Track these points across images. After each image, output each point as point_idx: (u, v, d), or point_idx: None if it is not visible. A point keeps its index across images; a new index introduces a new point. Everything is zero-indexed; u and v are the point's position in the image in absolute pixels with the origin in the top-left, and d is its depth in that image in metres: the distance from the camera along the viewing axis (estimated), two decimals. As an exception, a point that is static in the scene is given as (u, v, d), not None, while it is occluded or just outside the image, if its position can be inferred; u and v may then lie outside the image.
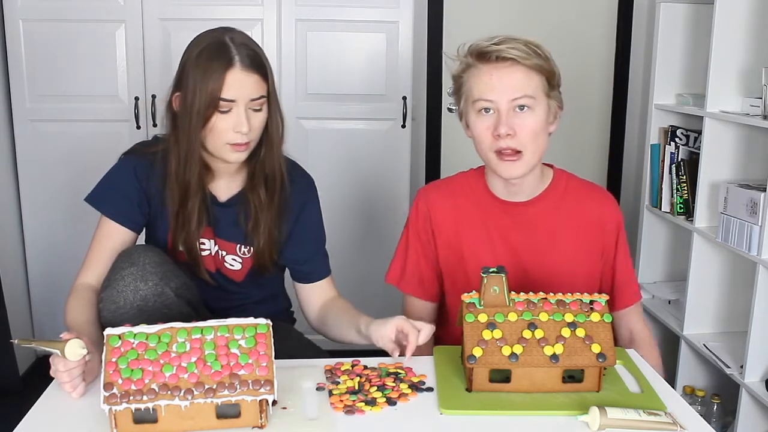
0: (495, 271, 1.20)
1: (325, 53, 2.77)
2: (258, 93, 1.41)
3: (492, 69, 1.38)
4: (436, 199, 1.55)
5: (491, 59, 1.38)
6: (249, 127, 1.40)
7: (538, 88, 1.40)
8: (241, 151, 1.43)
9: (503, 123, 1.37)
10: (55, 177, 2.74)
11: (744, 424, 2.11)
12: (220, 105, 1.38)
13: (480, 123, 1.41)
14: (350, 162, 2.85)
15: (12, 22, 2.65)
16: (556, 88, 1.45)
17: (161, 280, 1.38)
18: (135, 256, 1.39)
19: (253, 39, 1.48)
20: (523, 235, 1.50)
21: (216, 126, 1.40)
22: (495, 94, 1.38)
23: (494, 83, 1.38)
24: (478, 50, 1.39)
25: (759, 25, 2.22)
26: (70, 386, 1.17)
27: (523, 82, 1.38)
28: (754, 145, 2.29)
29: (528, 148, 1.39)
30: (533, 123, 1.39)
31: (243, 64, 1.39)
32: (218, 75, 1.37)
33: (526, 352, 1.17)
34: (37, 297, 2.86)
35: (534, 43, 1.39)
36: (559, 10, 2.82)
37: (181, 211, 1.48)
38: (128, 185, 1.51)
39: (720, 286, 2.40)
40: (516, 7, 2.80)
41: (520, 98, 1.38)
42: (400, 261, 1.59)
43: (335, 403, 1.16)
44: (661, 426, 1.08)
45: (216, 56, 1.38)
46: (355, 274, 2.92)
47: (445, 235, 1.53)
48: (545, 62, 1.40)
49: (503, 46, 1.37)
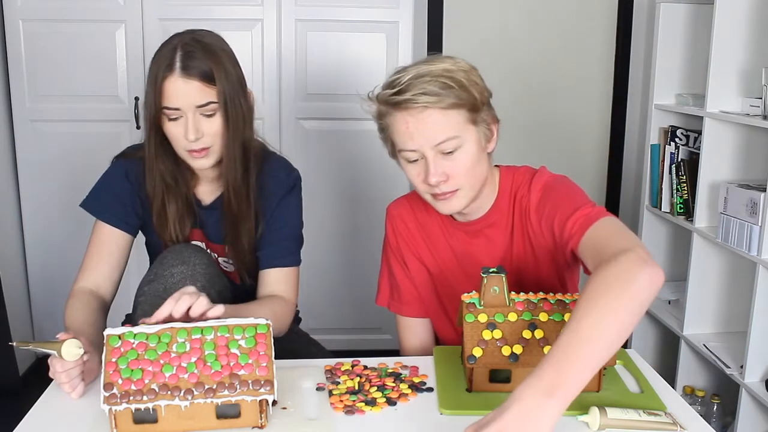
0: (495, 271, 1.20)
1: (325, 53, 2.77)
2: (203, 100, 1.36)
3: (407, 116, 1.26)
4: (400, 214, 1.50)
5: (404, 106, 1.26)
6: (198, 134, 1.37)
7: (460, 123, 1.27)
8: (200, 157, 1.41)
9: (432, 172, 1.27)
10: (55, 177, 2.75)
11: (744, 424, 2.11)
12: (166, 113, 1.37)
13: (410, 170, 1.32)
14: (350, 162, 2.85)
15: (12, 22, 2.65)
16: (483, 109, 1.31)
17: (208, 282, 1.37)
18: (186, 255, 1.39)
19: (215, 41, 1.41)
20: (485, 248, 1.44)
21: (170, 133, 1.40)
22: (416, 143, 1.27)
23: (412, 131, 1.26)
24: (385, 100, 1.28)
25: (759, 25, 2.22)
26: (69, 387, 1.17)
27: (442, 124, 1.26)
28: (754, 145, 2.29)
29: (464, 185, 1.31)
30: (465, 160, 1.29)
31: (183, 71, 1.34)
32: (159, 83, 1.35)
33: (526, 352, 1.17)
34: (37, 297, 2.87)
35: (445, 75, 1.25)
36: (559, 10, 2.82)
37: (160, 217, 1.49)
38: (121, 188, 1.51)
39: (720, 286, 2.40)
40: (516, 7, 2.80)
41: (444, 142, 1.26)
42: (386, 281, 1.55)
43: (335, 403, 1.16)
44: (661, 426, 1.08)
45: (159, 63, 1.36)
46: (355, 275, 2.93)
47: (416, 254, 1.49)
48: (461, 93, 1.26)
49: (409, 94, 1.24)
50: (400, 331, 1.55)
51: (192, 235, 1.54)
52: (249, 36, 2.72)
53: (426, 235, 1.49)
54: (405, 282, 1.51)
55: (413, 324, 1.54)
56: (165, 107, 1.37)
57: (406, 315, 1.53)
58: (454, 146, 1.27)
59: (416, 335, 1.53)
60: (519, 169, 1.44)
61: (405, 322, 1.54)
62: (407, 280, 1.51)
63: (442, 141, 1.26)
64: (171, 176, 1.48)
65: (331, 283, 2.92)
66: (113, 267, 1.49)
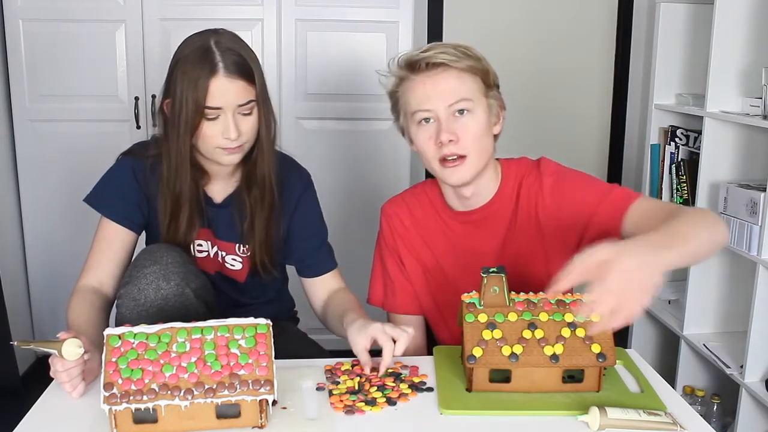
0: (495, 271, 1.19)
1: (325, 53, 2.77)
2: (245, 98, 1.39)
3: (424, 78, 1.35)
4: (395, 215, 1.52)
5: (422, 68, 1.35)
6: (238, 133, 1.39)
7: (474, 89, 1.36)
8: (234, 153, 1.43)
9: (444, 130, 1.34)
10: (55, 177, 2.74)
11: (744, 424, 2.11)
12: (206, 113, 1.37)
13: (421, 134, 1.38)
14: (350, 162, 2.85)
15: (12, 22, 2.65)
16: (494, 88, 1.41)
17: (182, 280, 1.37)
18: (158, 255, 1.38)
19: (241, 40, 1.44)
20: (486, 239, 1.46)
21: (205, 132, 1.39)
22: (431, 103, 1.35)
23: (428, 92, 1.35)
24: (407, 61, 1.37)
25: (759, 25, 2.22)
26: (70, 386, 1.17)
27: (458, 86, 1.35)
28: (754, 145, 2.29)
29: (472, 152, 1.36)
30: (475, 126, 1.36)
31: (227, 71, 1.36)
32: (202, 83, 1.35)
33: (526, 352, 1.17)
34: (37, 297, 2.86)
35: (463, 46, 1.37)
36: (559, 10, 2.82)
37: (173, 220, 1.48)
38: (127, 186, 1.50)
39: (720, 286, 2.40)
40: (516, 7, 2.80)
41: (457, 102, 1.34)
42: (379, 281, 1.57)
43: (335, 403, 1.16)
44: (661, 426, 1.08)
45: (200, 63, 1.36)
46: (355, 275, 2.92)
47: (413, 252, 1.51)
48: (477, 62, 1.37)
49: (431, 52, 1.34)
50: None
51: (197, 235, 1.53)
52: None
53: (423, 231, 1.50)
54: (400, 280, 1.53)
55: (407, 322, 1.53)
56: (207, 107, 1.37)
57: (400, 312, 1.55)
58: (466, 106, 1.35)
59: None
60: (519, 159, 1.50)
61: (398, 320, 1.55)
62: (402, 277, 1.53)
63: (456, 101, 1.34)
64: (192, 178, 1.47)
65: (331, 283, 2.92)
66: (117, 265, 1.49)
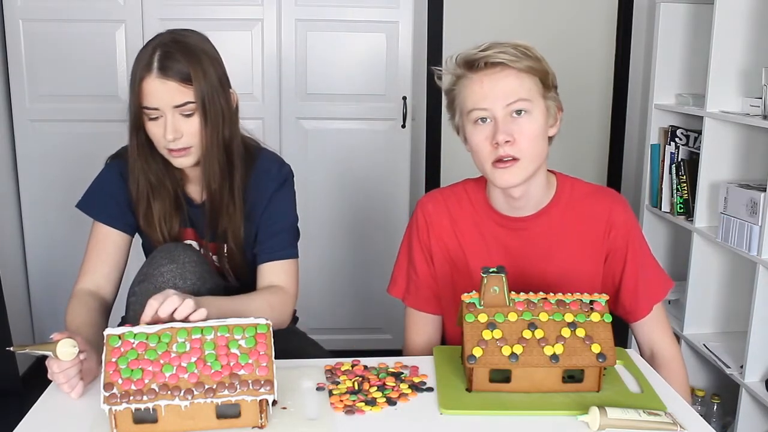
0: (495, 271, 1.20)
1: (325, 53, 2.77)
2: (181, 100, 1.37)
3: (482, 76, 1.33)
4: (433, 210, 1.49)
5: (480, 67, 1.33)
6: (177, 134, 1.38)
7: (533, 90, 1.34)
8: (180, 156, 1.42)
9: (501, 130, 1.31)
10: (55, 177, 2.74)
11: (744, 424, 2.11)
12: (146, 113, 1.39)
13: (477, 134, 1.35)
14: (350, 162, 2.85)
15: (12, 22, 2.65)
16: (552, 89, 1.39)
17: (198, 280, 1.37)
18: (175, 254, 1.39)
19: (194, 42, 1.42)
20: (525, 250, 1.44)
21: (150, 132, 1.41)
22: (488, 102, 1.32)
23: (486, 91, 1.32)
24: (466, 59, 1.35)
25: (759, 25, 2.22)
26: (68, 387, 1.17)
27: (516, 86, 1.32)
28: (754, 145, 2.29)
29: (526, 154, 1.33)
30: (532, 127, 1.33)
31: (160, 71, 1.36)
32: (138, 83, 1.37)
33: (526, 352, 1.16)
34: (37, 298, 2.86)
35: (523, 45, 1.34)
36: (560, 11, 2.82)
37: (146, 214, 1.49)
38: (116, 189, 1.51)
39: (720, 286, 2.40)
40: (516, 7, 2.80)
41: (515, 102, 1.32)
42: (403, 273, 1.54)
43: (335, 403, 1.16)
44: (661, 426, 1.08)
45: (139, 63, 1.38)
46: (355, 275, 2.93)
47: (444, 248, 1.48)
48: (537, 63, 1.34)
49: (491, 51, 1.32)
50: (409, 326, 1.54)
51: (184, 234, 1.54)
52: (249, 36, 2.72)
53: (459, 231, 1.48)
54: (426, 277, 1.50)
55: (425, 320, 1.53)
56: (144, 107, 1.38)
57: (421, 310, 1.53)
58: (524, 107, 1.33)
59: (426, 332, 1.53)
60: (579, 181, 1.50)
61: (416, 317, 1.53)
62: (428, 274, 1.50)
63: (514, 101, 1.32)
64: (155, 175, 1.48)
65: (331, 282, 2.92)
66: (113, 267, 1.50)
